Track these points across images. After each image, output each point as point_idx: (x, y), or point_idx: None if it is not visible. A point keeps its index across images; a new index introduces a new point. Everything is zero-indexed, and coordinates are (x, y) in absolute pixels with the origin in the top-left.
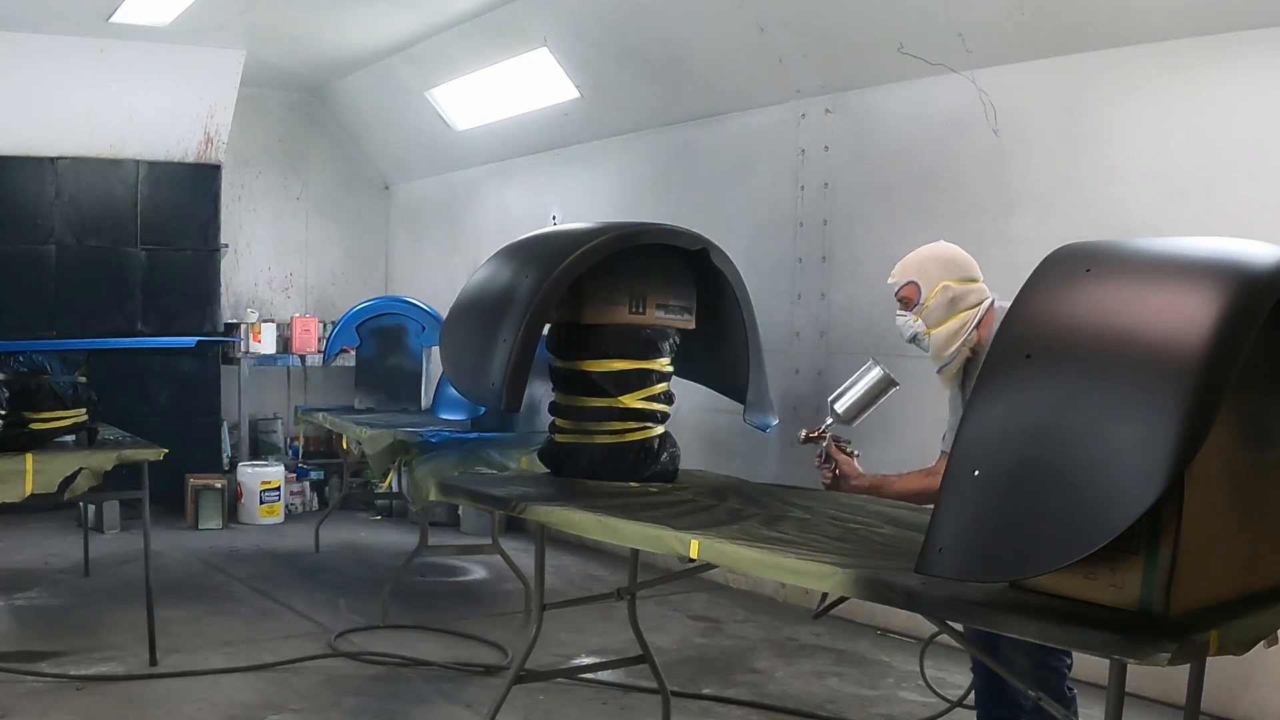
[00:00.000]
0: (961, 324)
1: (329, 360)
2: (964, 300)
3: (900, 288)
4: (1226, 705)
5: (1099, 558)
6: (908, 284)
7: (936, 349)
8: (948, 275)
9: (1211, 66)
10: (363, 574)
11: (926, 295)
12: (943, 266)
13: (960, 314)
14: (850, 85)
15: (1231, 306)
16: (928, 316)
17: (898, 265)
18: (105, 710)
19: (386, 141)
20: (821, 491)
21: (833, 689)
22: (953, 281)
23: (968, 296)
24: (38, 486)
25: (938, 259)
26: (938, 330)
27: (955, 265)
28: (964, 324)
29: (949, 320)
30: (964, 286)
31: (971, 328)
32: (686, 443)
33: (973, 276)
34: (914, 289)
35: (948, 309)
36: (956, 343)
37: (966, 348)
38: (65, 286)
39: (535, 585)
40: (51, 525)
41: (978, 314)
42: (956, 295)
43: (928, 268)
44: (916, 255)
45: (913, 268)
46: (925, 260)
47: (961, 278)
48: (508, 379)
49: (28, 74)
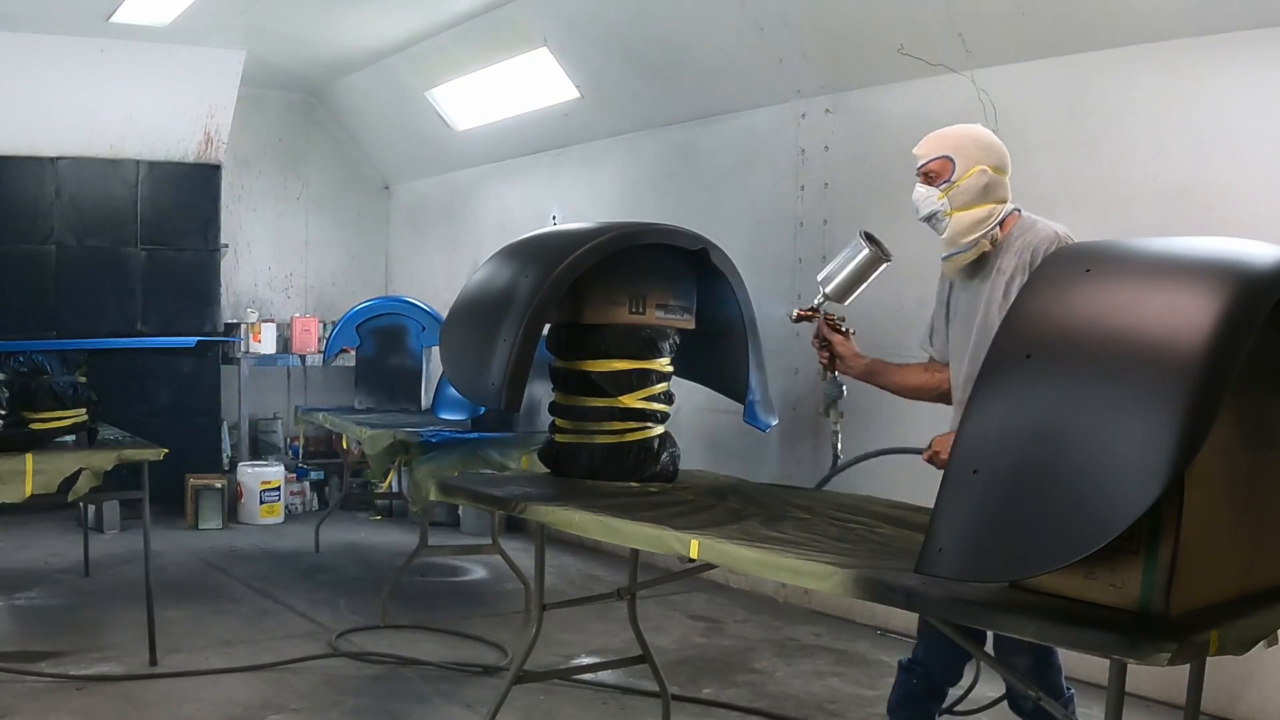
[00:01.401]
0: (988, 214)
1: (329, 360)
2: (995, 190)
3: (930, 161)
4: (1226, 705)
5: (1099, 558)
6: (941, 158)
7: (956, 233)
8: (986, 159)
9: (1211, 66)
10: (363, 574)
11: (960, 174)
12: (983, 149)
13: (989, 204)
14: (850, 85)
15: (1231, 306)
16: (954, 197)
17: (930, 136)
18: (105, 710)
19: (386, 141)
20: (821, 492)
21: (833, 689)
22: (990, 167)
23: (999, 188)
24: (38, 487)
25: (978, 140)
26: (962, 214)
27: (995, 151)
28: (990, 214)
29: (976, 207)
30: (998, 176)
31: (995, 221)
32: (686, 443)
33: (1007, 168)
34: (947, 164)
35: (979, 195)
36: (978, 232)
37: (986, 240)
38: (65, 286)
39: (535, 585)
40: (51, 525)
41: (1004, 209)
42: (991, 183)
43: (966, 146)
44: (955, 130)
45: (950, 142)
46: (965, 137)
47: (998, 165)
48: (508, 379)
49: (28, 74)
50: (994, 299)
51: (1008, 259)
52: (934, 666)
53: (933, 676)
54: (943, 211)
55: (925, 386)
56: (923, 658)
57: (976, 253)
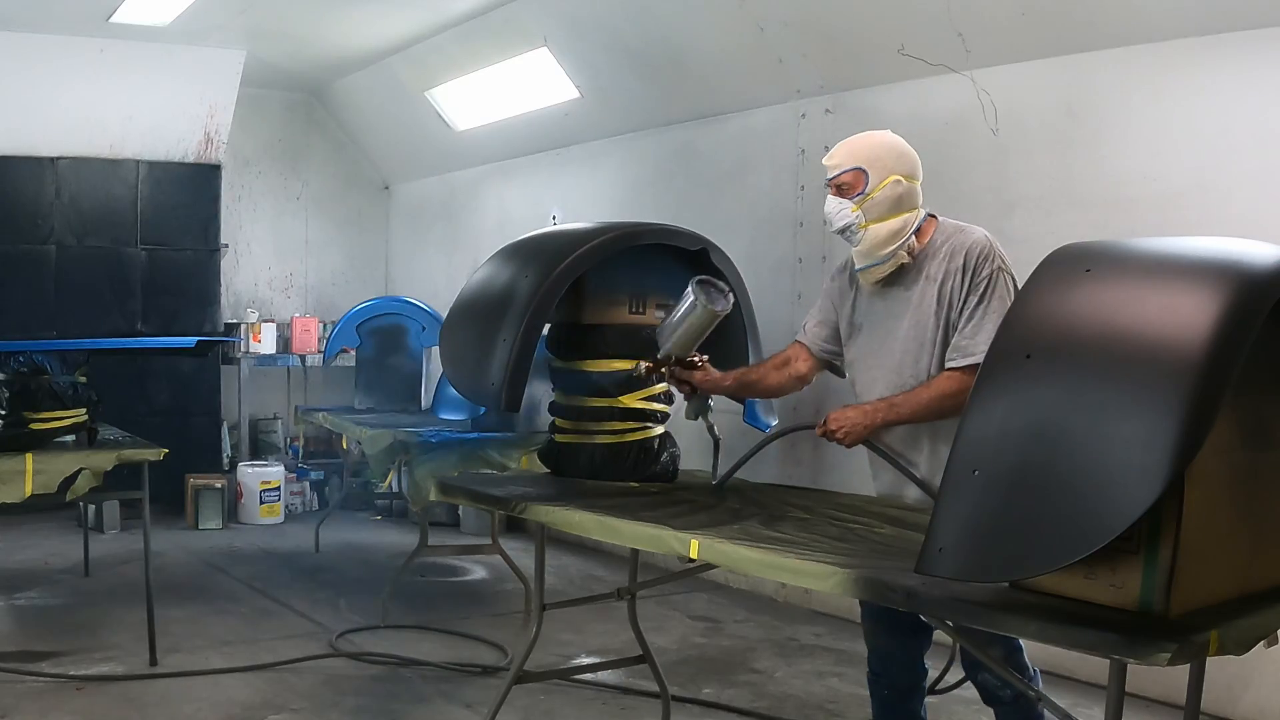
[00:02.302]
0: (903, 224)
1: (329, 360)
2: (909, 199)
3: (842, 173)
4: (1226, 705)
5: (1099, 558)
6: (854, 170)
7: (872, 245)
8: (899, 168)
9: (1211, 66)
10: (363, 574)
11: (874, 186)
12: (896, 158)
13: (903, 213)
14: (850, 85)
15: (1231, 306)
16: (869, 209)
17: (841, 146)
18: (105, 710)
19: (386, 141)
20: (821, 491)
21: (833, 689)
22: (903, 176)
23: (912, 196)
24: (38, 487)
25: (892, 149)
26: (877, 226)
27: (907, 160)
28: (905, 225)
29: (891, 218)
30: (911, 185)
31: (910, 231)
32: (686, 443)
33: (919, 175)
34: (859, 176)
35: (893, 205)
36: (895, 244)
37: (904, 251)
38: (65, 286)
39: (535, 585)
40: (51, 525)
41: (918, 217)
42: (905, 193)
43: (880, 156)
44: (866, 139)
45: (862, 153)
46: (877, 147)
47: (910, 173)
48: (508, 379)
49: (28, 74)
50: (925, 307)
51: (935, 265)
52: (892, 673)
53: (896, 682)
54: (857, 224)
55: (786, 384)
56: (879, 668)
57: (895, 264)
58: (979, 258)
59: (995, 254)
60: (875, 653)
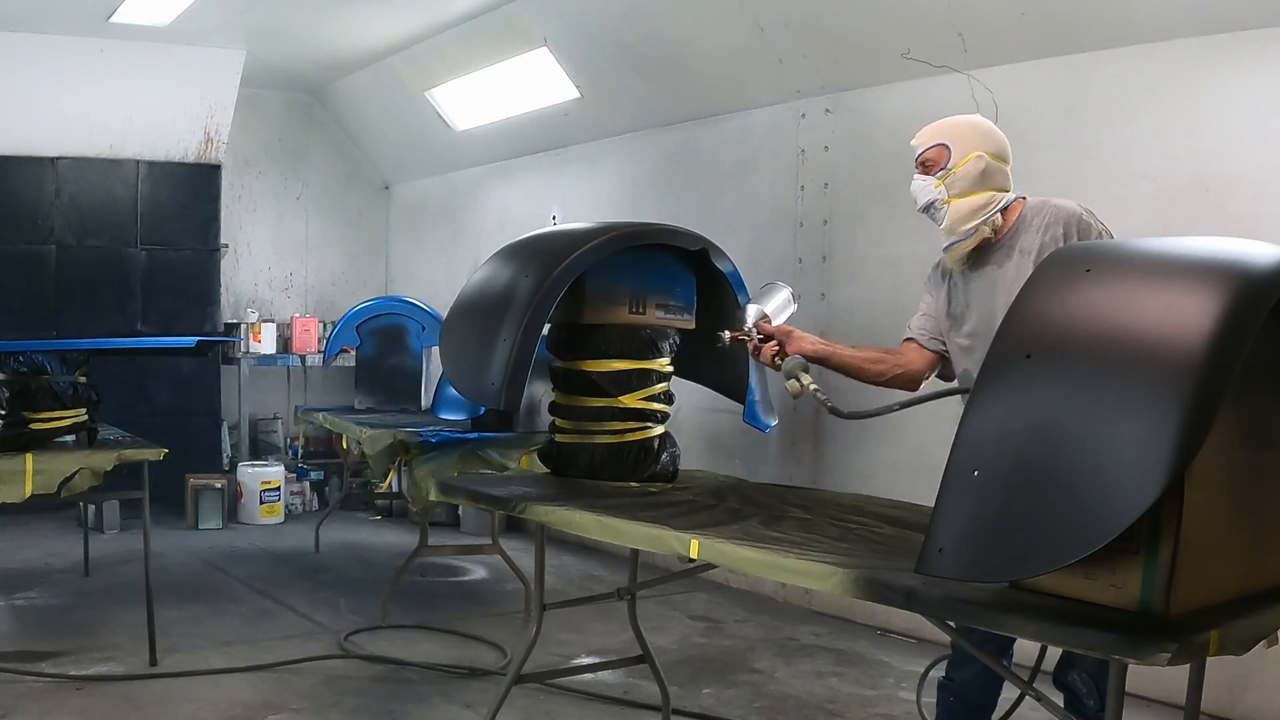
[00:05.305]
0: (988, 200)
1: (329, 360)
2: (994, 177)
3: (926, 150)
4: (1226, 705)
5: (1099, 558)
6: (937, 146)
7: (954, 220)
8: (983, 146)
9: (1211, 66)
10: (363, 574)
11: (956, 161)
12: (981, 136)
13: (988, 190)
14: (850, 85)
15: (1231, 306)
16: (951, 184)
17: (926, 128)
18: (105, 710)
19: (386, 141)
20: (821, 491)
21: (833, 689)
22: (988, 154)
23: (998, 175)
24: (38, 486)
25: (975, 127)
26: (960, 201)
27: (993, 139)
28: (990, 201)
29: (975, 193)
30: (997, 163)
31: (996, 209)
32: (686, 443)
33: (1007, 156)
34: (942, 152)
35: (977, 181)
36: (977, 219)
37: (987, 227)
38: (65, 286)
39: (535, 585)
40: (51, 525)
41: (1005, 198)
42: (989, 169)
43: (963, 133)
44: (951, 119)
45: (945, 130)
46: (961, 125)
47: (997, 153)
48: (508, 379)
49: (28, 74)
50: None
51: (1028, 238)
52: (965, 681)
53: (968, 694)
54: (940, 200)
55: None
56: (954, 673)
57: (976, 240)
58: (1079, 228)
59: (1096, 222)
60: (957, 650)
